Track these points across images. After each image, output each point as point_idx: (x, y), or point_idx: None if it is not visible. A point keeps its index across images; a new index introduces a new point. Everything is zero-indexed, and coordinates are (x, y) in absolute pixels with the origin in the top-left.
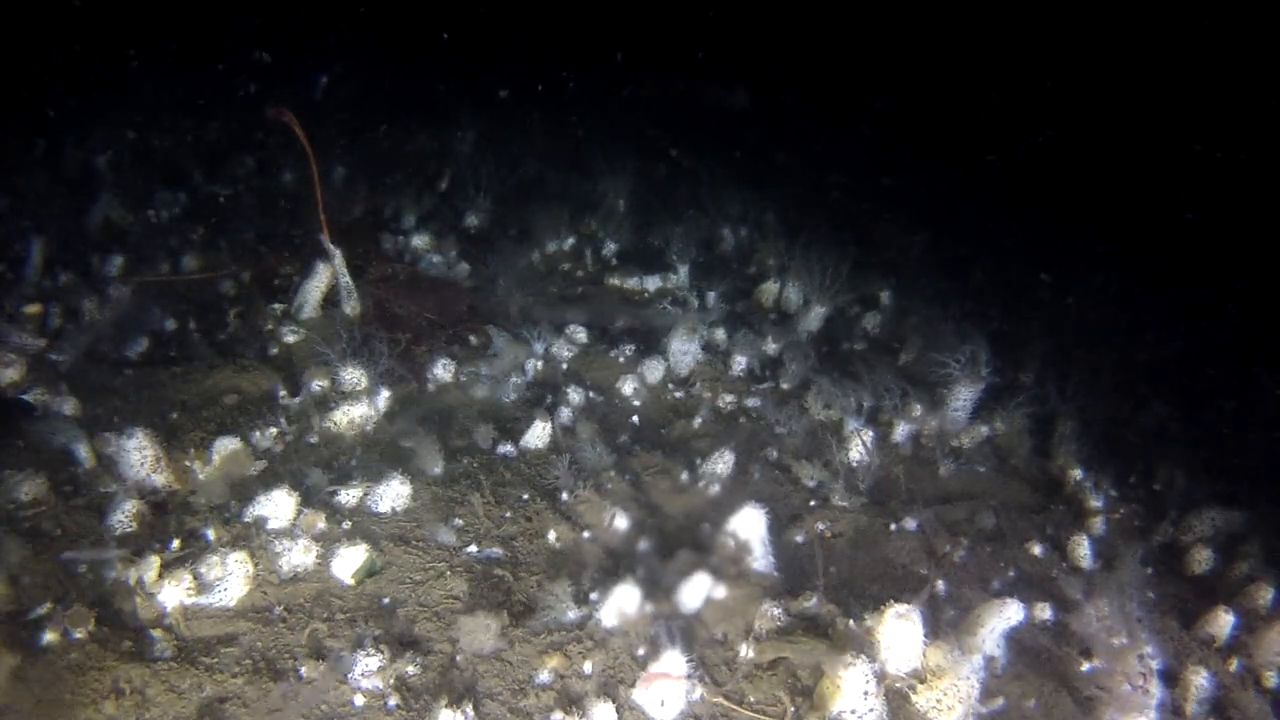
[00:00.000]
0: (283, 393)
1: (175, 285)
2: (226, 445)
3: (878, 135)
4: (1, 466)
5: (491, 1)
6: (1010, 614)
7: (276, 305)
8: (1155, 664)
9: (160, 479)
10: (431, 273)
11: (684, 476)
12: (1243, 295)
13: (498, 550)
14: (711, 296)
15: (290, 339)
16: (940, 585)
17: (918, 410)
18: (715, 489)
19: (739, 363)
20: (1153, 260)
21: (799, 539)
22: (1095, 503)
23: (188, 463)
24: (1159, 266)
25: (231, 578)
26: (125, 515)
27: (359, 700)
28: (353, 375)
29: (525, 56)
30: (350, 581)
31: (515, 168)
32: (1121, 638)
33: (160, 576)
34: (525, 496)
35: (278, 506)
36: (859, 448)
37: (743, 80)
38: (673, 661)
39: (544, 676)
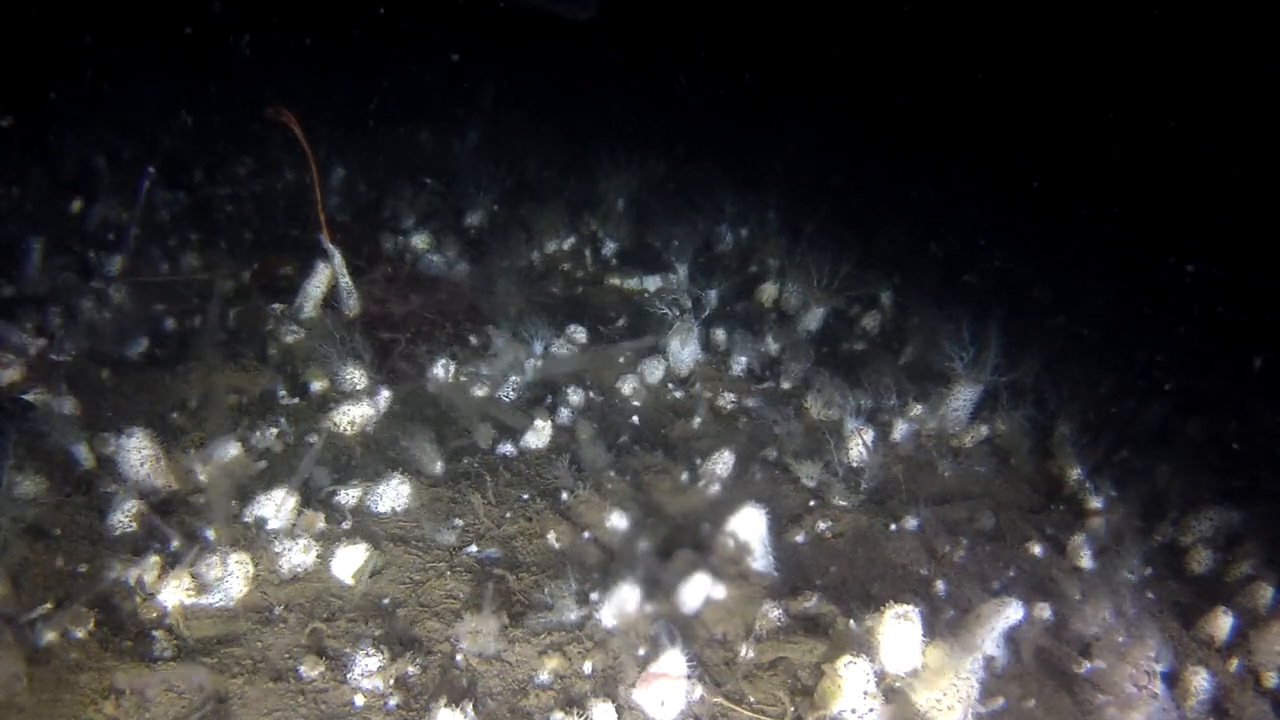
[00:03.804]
0: (283, 393)
1: (175, 285)
2: (226, 446)
3: (880, 137)
4: (2, 466)
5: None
6: (1010, 614)
7: (276, 305)
8: (1160, 667)
9: (160, 479)
10: (431, 273)
11: (684, 476)
12: (1243, 294)
13: (497, 550)
14: (711, 296)
15: (290, 339)
16: (940, 585)
17: (917, 410)
18: (715, 489)
19: (739, 363)
20: (1152, 260)
21: (799, 539)
22: (1095, 503)
23: (188, 463)
24: (1158, 266)
25: (231, 578)
26: (125, 515)
27: (359, 700)
28: (353, 375)
29: (526, 57)
30: (350, 581)
31: (515, 167)
32: (1121, 636)
33: (160, 576)
34: (525, 496)
35: (278, 506)
36: (859, 447)
37: None
38: (673, 661)
39: (544, 677)
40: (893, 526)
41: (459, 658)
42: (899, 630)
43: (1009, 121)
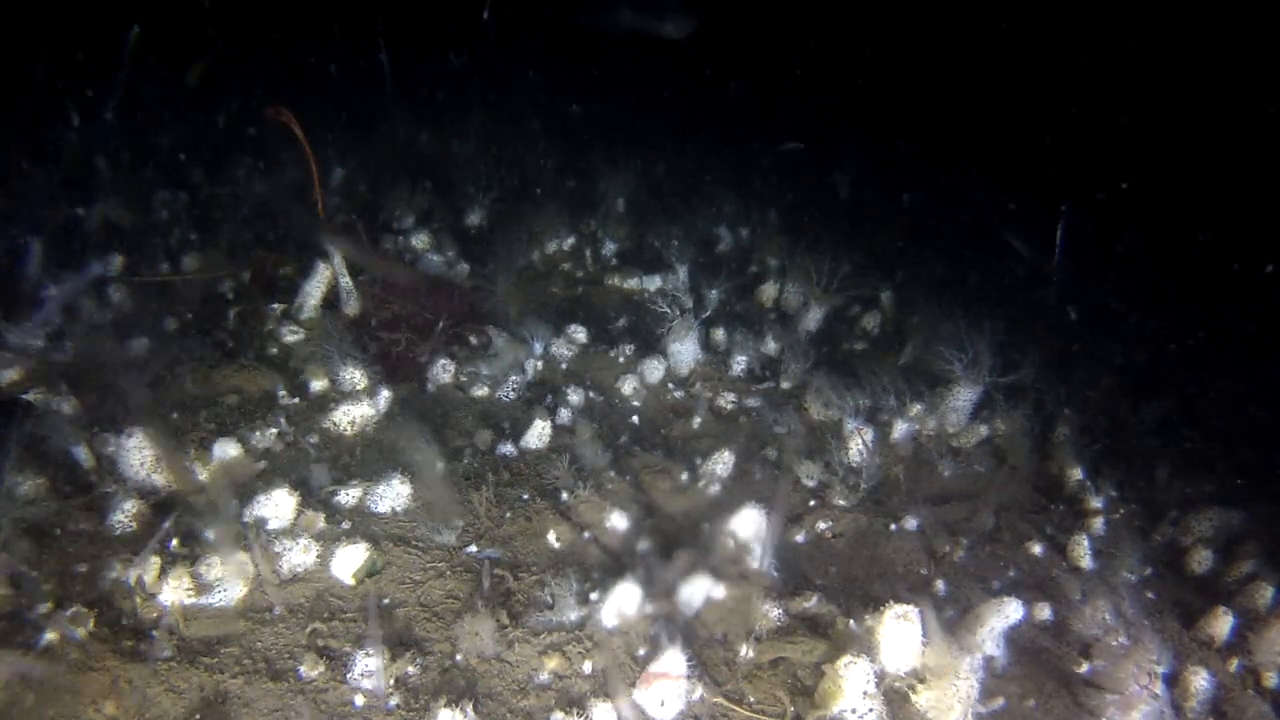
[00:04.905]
0: (283, 393)
1: (175, 285)
2: (226, 446)
3: (881, 137)
4: (2, 466)
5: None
6: (1010, 613)
7: (276, 305)
8: (1161, 669)
9: (160, 479)
10: (432, 272)
11: (684, 476)
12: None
13: (497, 550)
14: (712, 296)
15: (290, 339)
16: (940, 585)
17: (917, 410)
18: (715, 489)
19: (739, 363)
20: (1151, 259)
21: (799, 539)
22: (1095, 503)
23: (188, 463)
24: (1157, 265)
25: (231, 578)
26: (125, 515)
27: (359, 700)
28: (353, 375)
29: (526, 57)
30: (350, 581)
31: (515, 167)
32: (1121, 637)
33: (160, 576)
34: (525, 496)
35: (278, 506)
36: (858, 447)
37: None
38: (673, 661)
39: (544, 677)
40: (893, 526)
41: (459, 658)
42: (899, 630)
43: (1009, 121)
